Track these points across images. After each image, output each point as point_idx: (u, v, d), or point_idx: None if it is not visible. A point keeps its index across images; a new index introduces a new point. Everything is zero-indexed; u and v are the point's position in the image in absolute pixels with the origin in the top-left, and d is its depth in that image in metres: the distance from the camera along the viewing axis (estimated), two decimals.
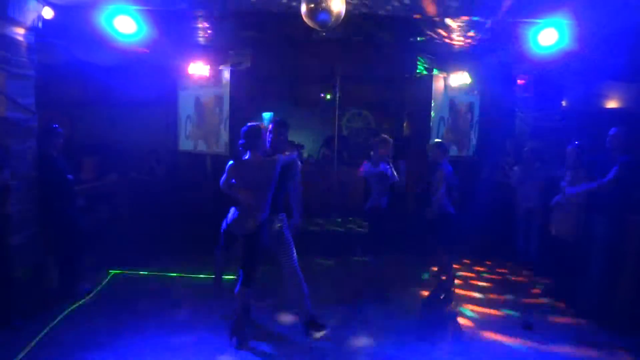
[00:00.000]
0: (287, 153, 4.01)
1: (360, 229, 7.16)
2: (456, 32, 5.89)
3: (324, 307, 4.65)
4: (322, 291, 5.11)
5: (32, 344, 3.75)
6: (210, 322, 4.31)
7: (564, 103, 6.85)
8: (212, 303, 4.68)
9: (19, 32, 4.28)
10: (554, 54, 5.27)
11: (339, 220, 7.51)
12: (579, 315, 4.58)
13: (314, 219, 7.41)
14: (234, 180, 3.86)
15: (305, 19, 3.63)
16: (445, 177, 4.92)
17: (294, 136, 9.91)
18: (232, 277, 4.48)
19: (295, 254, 4.05)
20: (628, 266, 4.42)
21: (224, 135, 7.38)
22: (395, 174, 5.12)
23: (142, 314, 4.46)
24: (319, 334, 4.01)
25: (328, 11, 3.51)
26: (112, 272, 5.55)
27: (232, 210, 3.91)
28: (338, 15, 3.59)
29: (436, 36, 6.17)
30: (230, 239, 3.96)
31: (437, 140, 5.64)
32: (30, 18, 4.36)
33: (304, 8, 3.56)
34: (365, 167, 5.20)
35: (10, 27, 4.18)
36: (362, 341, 4.06)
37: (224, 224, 3.97)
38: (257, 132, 3.88)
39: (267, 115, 10.88)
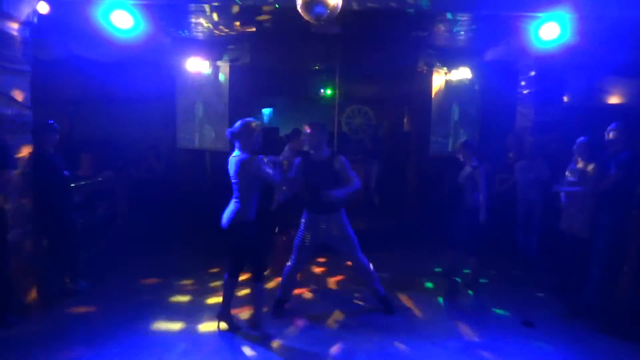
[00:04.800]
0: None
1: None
2: (456, 26, 5.84)
3: (323, 305, 4.62)
4: (322, 289, 5.08)
5: None
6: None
7: (565, 98, 6.78)
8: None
9: (14, 27, 4.23)
10: (555, 49, 5.21)
11: None
12: (580, 312, 4.53)
13: None
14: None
15: (300, 12, 3.58)
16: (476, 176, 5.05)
17: None
18: None
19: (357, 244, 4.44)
20: (629, 263, 4.38)
21: (224, 131, 7.35)
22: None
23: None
24: (388, 313, 4.51)
25: (323, 4, 3.46)
26: None
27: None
28: (334, 8, 3.54)
29: (437, 31, 6.13)
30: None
31: (465, 139, 5.55)
32: (25, 13, 4.31)
33: (299, 1, 3.51)
34: None
35: (5, 21, 4.13)
36: (361, 339, 4.03)
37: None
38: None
39: (266, 111, 10.90)
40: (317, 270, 5.84)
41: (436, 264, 5.98)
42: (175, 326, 4.16)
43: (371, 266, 4.52)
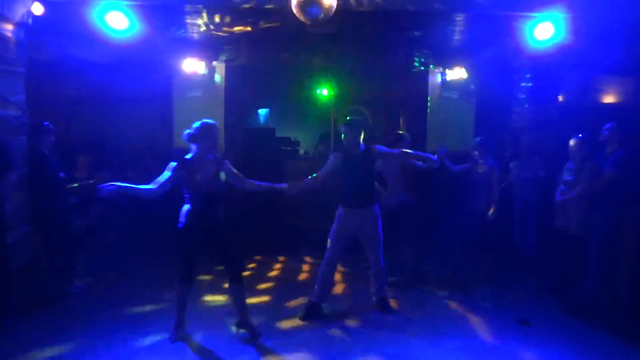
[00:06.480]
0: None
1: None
2: (452, 26, 5.85)
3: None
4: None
5: None
6: None
7: (560, 97, 6.81)
8: None
9: (8, 28, 4.22)
10: (550, 48, 5.24)
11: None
12: (577, 310, 4.55)
13: (310, 216, 7.37)
14: None
15: (295, 12, 3.58)
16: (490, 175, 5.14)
17: (290, 132, 9.92)
18: None
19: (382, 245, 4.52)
20: (625, 261, 4.40)
21: (220, 131, 7.33)
22: None
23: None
24: (386, 313, 4.50)
25: (318, 5, 3.46)
26: None
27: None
28: (329, 9, 3.54)
29: (432, 31, 6.14)
30: None
31: (480, 138, 5.52)
32: (19, 14, 4.30)
33: (294, 1, 3.51)
34: None
35: None
36: (358, 338, 4.04)
37: None
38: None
39: (262, 111, 10.89)
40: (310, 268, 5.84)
41: (435, 263, 5.98)
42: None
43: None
